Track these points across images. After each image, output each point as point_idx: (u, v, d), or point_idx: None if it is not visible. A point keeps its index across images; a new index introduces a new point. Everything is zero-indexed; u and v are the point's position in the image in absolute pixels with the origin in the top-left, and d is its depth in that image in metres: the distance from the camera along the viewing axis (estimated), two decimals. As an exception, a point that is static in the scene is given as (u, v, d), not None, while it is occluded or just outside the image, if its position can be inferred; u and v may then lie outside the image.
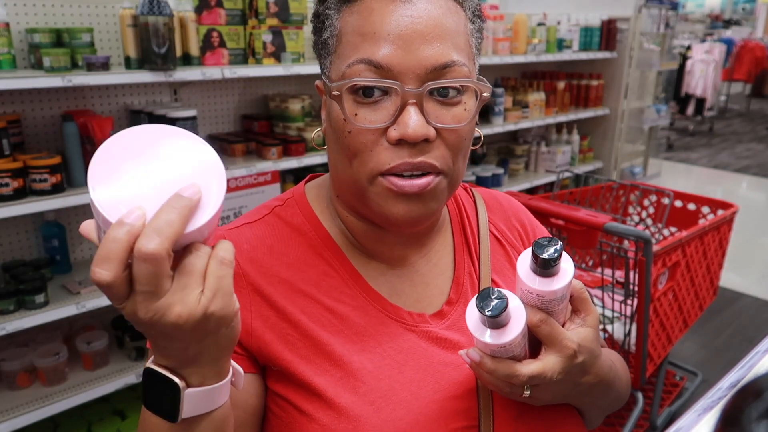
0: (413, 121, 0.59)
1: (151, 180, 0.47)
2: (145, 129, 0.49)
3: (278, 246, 0.69)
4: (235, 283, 0.57)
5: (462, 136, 0.64)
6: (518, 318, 0.60)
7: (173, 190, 0.46)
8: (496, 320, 0.58)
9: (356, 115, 0.61)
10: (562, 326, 0.62)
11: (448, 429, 0.64)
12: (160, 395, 0.51)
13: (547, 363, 0.60)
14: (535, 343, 0.63)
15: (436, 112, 0.62)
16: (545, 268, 0.58)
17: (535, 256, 0.58)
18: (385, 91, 0.61)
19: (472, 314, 0.61)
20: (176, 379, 0.50)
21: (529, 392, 0.62)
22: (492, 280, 0.75)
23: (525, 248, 0.73)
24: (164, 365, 0.51)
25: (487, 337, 0.60)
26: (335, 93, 0.61)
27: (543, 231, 0.89)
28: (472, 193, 0.83)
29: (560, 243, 0.58)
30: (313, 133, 0.70)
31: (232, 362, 0.55)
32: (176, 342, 0.49)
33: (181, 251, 0.47)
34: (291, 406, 0.64)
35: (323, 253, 0.69)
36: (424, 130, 0.60)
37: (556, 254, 0.57)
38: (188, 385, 0.51)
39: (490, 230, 0.79)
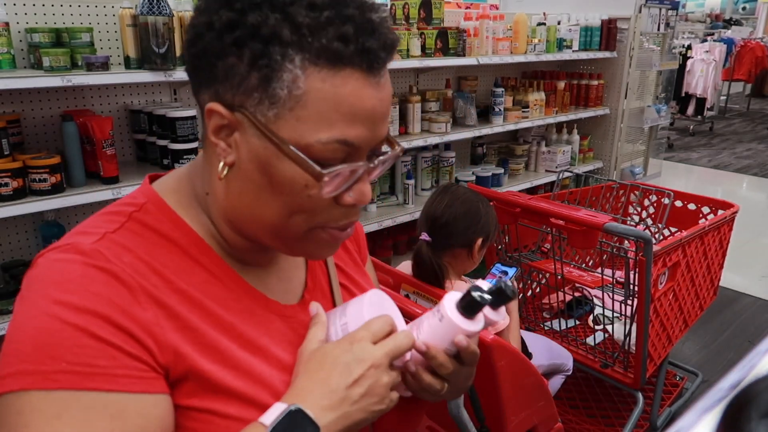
0: (368, 190, 0.66)
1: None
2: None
3: (156, 255, 0.65)
4: (135, 299, 0.59)
5: None
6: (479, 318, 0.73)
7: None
8: (476, 307, 0.70)
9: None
10: None
11: None
12: (294, 428, 0.60)
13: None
14: None
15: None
16: (476, 309, 0.71)
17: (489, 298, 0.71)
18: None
19: (452, 304, 0.71)
20: (318, 424, 0.61)
21: (447, 387, 0.73)
22: (335, 265, 0.84)
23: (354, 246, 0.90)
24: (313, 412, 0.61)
25: (476, 322, 0.71)
26: (291, 152, 0.60)
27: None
28: None
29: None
30: (221, 167, 0.65)
31: None
32: (361, 392, 0.63)
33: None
34: (214, 415, 0.63)
35: (201, 260, 0.68)
36: (371, 196, 0.68)
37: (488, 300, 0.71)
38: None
39: None
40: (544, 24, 3.42)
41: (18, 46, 1.94)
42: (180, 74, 1.95)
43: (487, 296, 0.69)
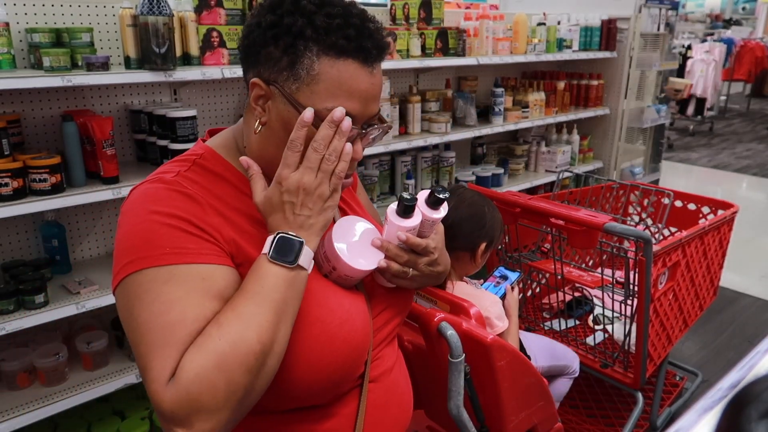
0: (360, 149, 0.90)
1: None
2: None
3: (213, 186, 0.92)
4: (204, 210, 0.86)
5: None
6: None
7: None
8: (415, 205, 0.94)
9: None
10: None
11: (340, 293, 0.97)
12: (285, 251, 0.82)
13: (431, 241, 1.00)
14: None
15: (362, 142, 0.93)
16: (435, 205, 0.97)
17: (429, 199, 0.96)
18: None
19: (392, 210, 0.95)
20: (300, 238, 0.83)
21: (412, 272, 0.97)
22: None
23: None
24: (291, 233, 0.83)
25: (411, 220, 0.94)
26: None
27: None
28: None
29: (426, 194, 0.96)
30: (257, 125, 0.90)
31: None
32: (307, 210, 0.84)
33: None
34: None
35: (243, 189, 0.93)
36: (362, 155, 0.92)
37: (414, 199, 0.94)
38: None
39: None
40: (544, 24, 3.41)
41: (18, 46, 1.94)
42: (180, 74, 1.95)
43: (412, 200, 0.92)
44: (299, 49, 0.84)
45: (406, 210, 0.93)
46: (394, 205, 0.95)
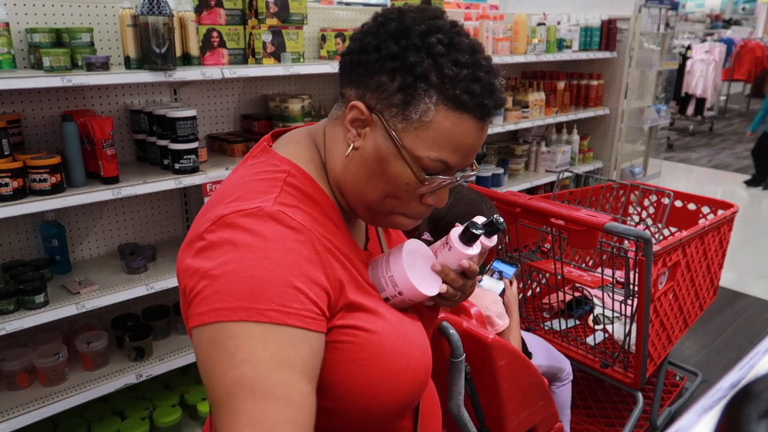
0: (446, 196, 0.89)
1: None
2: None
3: (311, 211, 0.84)
4: (315, 249, 0.79)
5: None
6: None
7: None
8: (478, 236, 0.93)
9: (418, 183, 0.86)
10: None
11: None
12: None
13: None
14: None
15: None
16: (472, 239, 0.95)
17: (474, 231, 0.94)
18: None
19: (457, 237, 0.94)
20: None
21: (459, 295, 0.97)
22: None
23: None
24: None
25: (474, 248, 0.95)
26: (407, 157, 0.82)
27: None
28: None
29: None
30: (350, 150, 0.85)
31: None
32: None
33: None
34: (355, 328, 0.83)
35: (332, 217, 0.88)
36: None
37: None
38: None
39: None
40: (544, 24, 3.42)
41: (18, 46, 1.94)
42: (180, 74, 1.95)
43: (480, 229, 0.93)
44: (418, 93, 0.80)
45: (471, 239, 0.94)
46: (457, 231, 0.95)
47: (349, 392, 0.84)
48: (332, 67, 2.33)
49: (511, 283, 1.75)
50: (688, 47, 8.70)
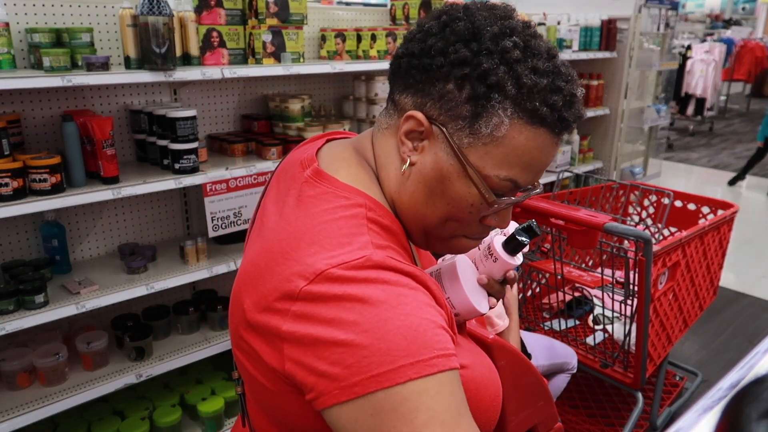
0: (510, 217, 0.81)
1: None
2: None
3: (396, 245, 0.77)
4: (428, 287, 0.71)
5: None
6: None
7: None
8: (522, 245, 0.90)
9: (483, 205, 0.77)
10: None
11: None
12: None
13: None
14: None
15: None
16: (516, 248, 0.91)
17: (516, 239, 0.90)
18: None
19: (501, 248, 0.91)
20: None
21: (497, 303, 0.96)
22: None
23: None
24: None
25: (519, 257, 0.92)
26: (474, 176, 0.73)
27: None
28: None
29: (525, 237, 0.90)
30: (406, 166, 0.76)
31: None
32: None
33: None
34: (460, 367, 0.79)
35: (405, 245, 0.81)
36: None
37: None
38: None
39: None
40: (544, 24, 3.42)
41: (18, 46, 1.94)
42: (180, 74, 1.95)
43: (526, 239, 0.88)
44: (491, 104, 0.70)
45: (516, 248, 0.90)
46: (500, 240, 0.91)
47: None
48: (332, 67, 2.33)
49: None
50: (688, 47, 8.70)
